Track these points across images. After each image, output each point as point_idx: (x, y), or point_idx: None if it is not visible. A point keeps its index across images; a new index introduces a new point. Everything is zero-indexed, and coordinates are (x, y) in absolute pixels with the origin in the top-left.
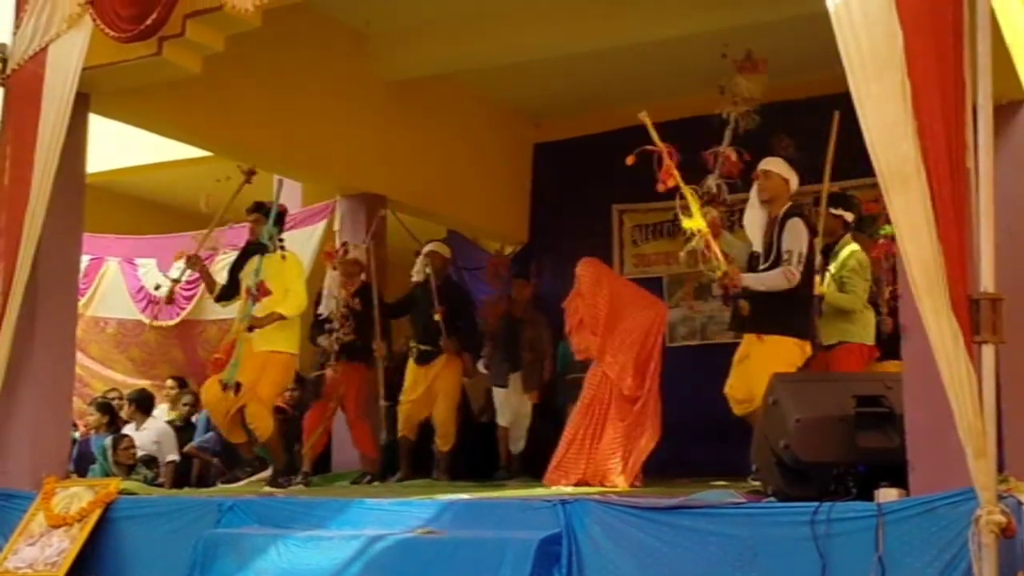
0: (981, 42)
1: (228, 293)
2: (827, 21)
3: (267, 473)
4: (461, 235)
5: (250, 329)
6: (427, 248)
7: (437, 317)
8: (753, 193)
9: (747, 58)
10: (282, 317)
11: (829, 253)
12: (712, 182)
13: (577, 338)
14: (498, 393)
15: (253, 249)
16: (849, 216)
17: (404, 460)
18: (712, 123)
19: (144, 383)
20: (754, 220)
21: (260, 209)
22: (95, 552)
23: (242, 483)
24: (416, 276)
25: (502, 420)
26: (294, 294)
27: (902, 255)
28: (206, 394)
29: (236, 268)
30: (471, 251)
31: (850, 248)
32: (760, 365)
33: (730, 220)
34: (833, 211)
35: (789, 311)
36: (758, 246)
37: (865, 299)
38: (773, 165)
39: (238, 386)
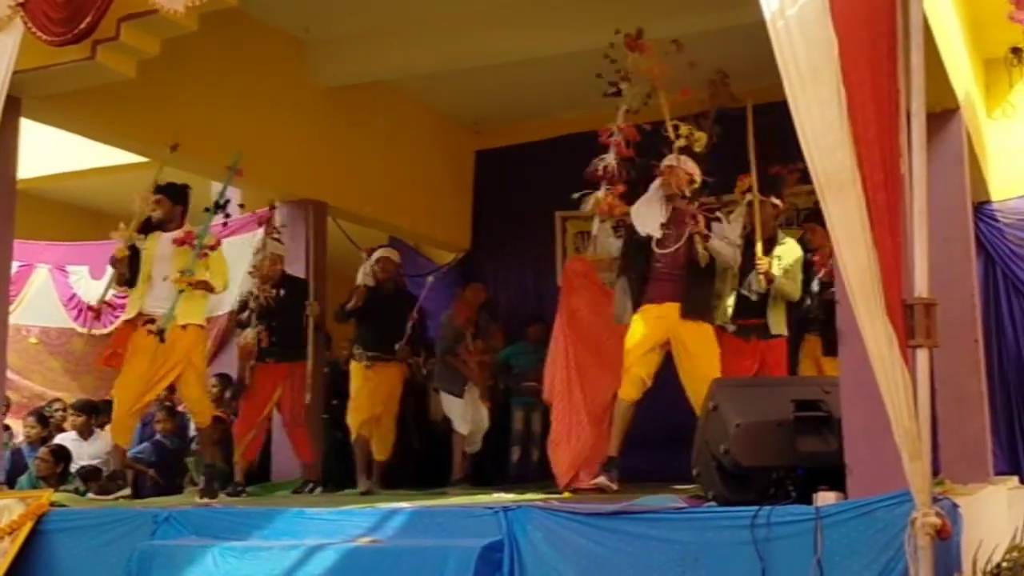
0: (914, 50)
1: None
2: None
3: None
4: (403, 242)
5: (189, 284)
6: (378, 254)
7: (411, 322)
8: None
9: (638, 36)
10: (211, 290)
11: (773, 245)
12: (611, 160)
13: None
14: (453, 402)
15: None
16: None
17: (364, 465)
18: (655, 131)
19: (62, 395)
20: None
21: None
22: (27, 565)
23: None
24: (365, 280)
25: (462, 429)
26: (219, 273)
27: (838, 261)
28: None
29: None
30: (413, 258)
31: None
32: None
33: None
34: (774, 200)
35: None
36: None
37: None
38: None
39: (162, 333)
